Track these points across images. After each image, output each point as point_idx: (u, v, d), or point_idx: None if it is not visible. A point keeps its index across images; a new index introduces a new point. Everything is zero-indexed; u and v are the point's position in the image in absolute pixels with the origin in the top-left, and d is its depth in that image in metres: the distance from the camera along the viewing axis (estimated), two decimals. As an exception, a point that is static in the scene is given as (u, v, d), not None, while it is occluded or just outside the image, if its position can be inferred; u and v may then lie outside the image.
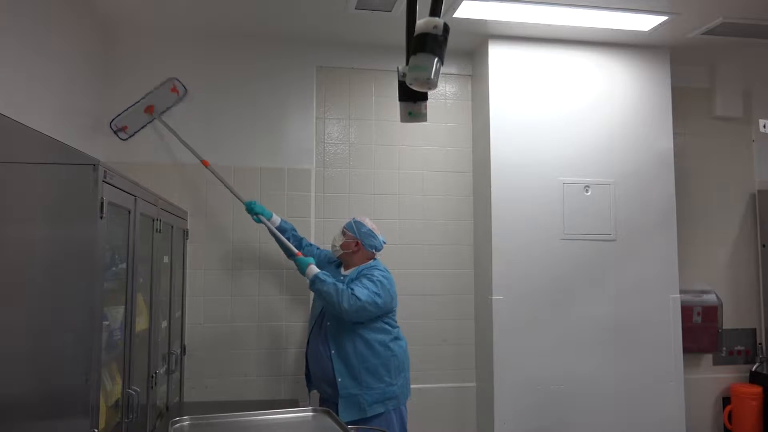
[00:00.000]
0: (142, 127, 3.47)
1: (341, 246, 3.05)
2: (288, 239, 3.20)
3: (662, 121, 3.73)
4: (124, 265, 2.08)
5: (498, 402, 3.39)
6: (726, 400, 4.05)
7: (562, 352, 3.49)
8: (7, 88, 2.20)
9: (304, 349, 3.11)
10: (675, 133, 3.79)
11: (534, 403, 3.43)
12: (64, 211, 1.67)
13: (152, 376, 2.43)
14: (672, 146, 3.74)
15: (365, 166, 3.71)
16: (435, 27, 1.75)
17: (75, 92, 2.96)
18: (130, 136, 3.46)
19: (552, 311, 3.49)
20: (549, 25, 3.41)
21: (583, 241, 3.57)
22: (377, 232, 3.08)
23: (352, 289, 2.79)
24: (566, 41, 3.64)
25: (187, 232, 3.43)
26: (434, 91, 2.56)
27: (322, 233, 3.62)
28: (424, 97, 2.04)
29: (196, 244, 3.46)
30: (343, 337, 2.87)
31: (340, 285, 2.81)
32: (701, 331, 3.96)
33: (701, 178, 4.14)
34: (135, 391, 2.08)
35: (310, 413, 2.58)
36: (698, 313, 3.97)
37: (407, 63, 1.83)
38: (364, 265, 3.03)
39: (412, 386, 3.10)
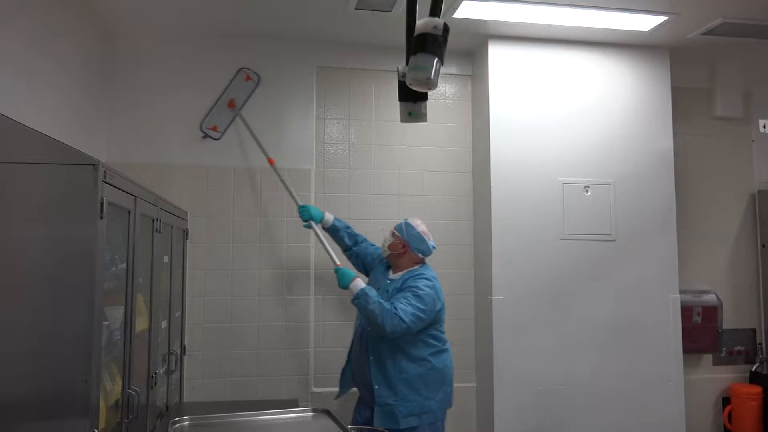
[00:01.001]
0: (230, 124, 3.52)
1: (389, 246, 2.97)
2: (342, 238, 3.21)
3: (662, 121, 3.73)
4: (123, 265, 2.07)
5: (498, 402, 3.39)
6: (726, 400, 4.05)
7: (562, 352, 3.49)
8: (7, 89, 2.20)
9: (306, 350, 3.11)
10: (675, 133, 3.79)
11: (534, 403, 3.43)
12: (64, 211, 1.67)
13: (152, 376, 2.43)
14: (672, 146, 3.74)
15: (365, 166, 3.71)
16: (435, 27, 1.75)
17: (75, 92, 2.96)
18: (222, 134, 3.52)
19: (552, 311, 3.49)
20: (549, 25, 3.41)
21: (583, 241, 3.57)
22: (427, 237, 2.96)
23: (395, 308, 2.67)
24: (566, 41, 3.64)
25: (187, 232, 3.44)
26: (434, 91, 2.56)
27: (322, 233, 3.61)
28: (424, 97, 2.04)
29: (196, 244, 3.46)
30: (383, 345, 2.80)
31: (386, 305, 2.69)
32: (701, 331, 3.96)
33: (701, 178, 4.14)
34: (135, 391, 2.08)
35: (310, 413, 2.58)
36: (698, 313, 3.97)
37: (407, 63, 1.83)
38: (410, 271, 2.93)
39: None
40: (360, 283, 2.79)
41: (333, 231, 3.24)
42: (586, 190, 3.60)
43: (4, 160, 1.67)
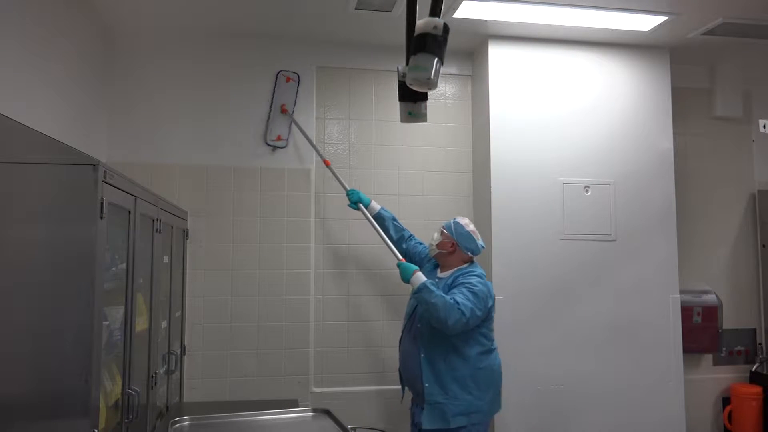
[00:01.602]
0: (290, 128, 3.57)
1: (437, 245, 2.94)
2: (387, 229, 3.20)
3: (662, 121, 3.73)
4: (124, 265, 2.07)
5: (498, 402, 3.39)
6: (726, 401, 4.05)
7: (562, 352, 3.49)
8: (7, 89, 2.20)
9: (306, 350, 3.09)
10: (675, 133, 3.79)
11: (534, 403, 3.43)
12: (64, 211, 1.67)
13: (152, 376, 2.43)
14: (672, 146, 3.74)
15: (365, 166, 3.71)
16: (435, 27, 1.75)
17: (75, 92, 2.96)
18: (288, 141, 3.58)
19: (552, 311, 3.49)
20: (549, 25, 3.41)
21: (583, 241, 3.57)
22: (476, 236, 2.93)
23: (457, 302, 2.63)
24: (566, 41, 3.64)
25: (187, 232, 3.44)
26: (434, 91, 2.56)
27: (322, 233, 3.62)
28: (424, 97, 2.04)
29: (196, 244, 3.46)
30: (434, 342, 2.76)
31: (448, 298, 2.65)
32: (701, 332, 3.96)
33: (701, 178, 4.14)
34: (135, 391, 2.08)
35: (310, 413, 2.58)
36: (698, 314, 3.97)
37: (407, 63, 1.83)
38: (460, 269, 2.90)
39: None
40: (421, 276, 2.74)
41: (379, 220, 3.22)
42: (586, 190, 3.60)
43: (4, 160, 1.66)
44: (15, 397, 1.62)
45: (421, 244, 3.23)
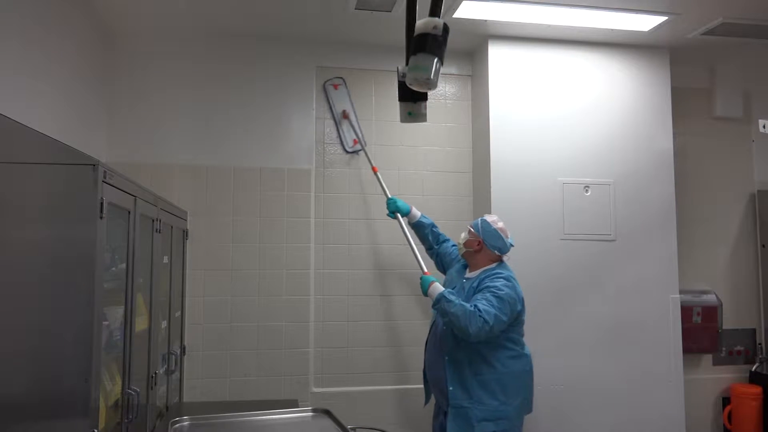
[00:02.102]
0: (357, 131, 3.64)
1: (464, 244, 2.88)
2: (426, 236, 3.20)
3: (662, 121, 3.73)
4: (123, 266, 2.08)
5: (498, 402, 3.39)
6: (726, 401, 4.05)
7: (562, 352, 3.49)
8: (7, 89, 2.20)
9: (306, 350, 3.09)
10: (675, 133, 3.79)
11: (534, 403, 3.42)
12: (64, 211, 1.67)
13: (152, 376, 2.43)
14: (672, 146, 3.74)
15: (365, 166, 3.71)
16: (435, 27, 1.75)
17: (75, 92, 2.96)
18: (364, 140, 3.64)
19: (552, 311, 3.49)
20: (549, 26, 3.41)
21: (583, 241, 3.57)
22: (504, 234, 2.83)
23: (478, 310, 2.54)
24: (566, 41, 3.64)
25: (187, 232, 3.44)
26: (434, 91, 2.56)
27: (322, 233, 3.62)
28: (423, 97, 2.04)
29: (196, 244, 3.46)
30: (459, 345, 2.68)
31: (468, 306, 2.56)
32: (701, 332, 3.96)
33: (701, 178, 4.14)
34: (135, 391, 2.08)
35: (310, 413, 2.58)
36: (698, 314, 3.97)
37: (407, 63, 1.83)
38: (487, 269, 2.81)
39: (412, 386, 3.09)
40: (438, 287, 2.67)
41: (419, 227, 3.22)
42: (586, 191, 3.60)
43: (4, 160, 1.66)
44: (15, 397, 1.62)
45: (454, 245, 3.17)
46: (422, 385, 3.04)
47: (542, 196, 3.55)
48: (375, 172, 3.47)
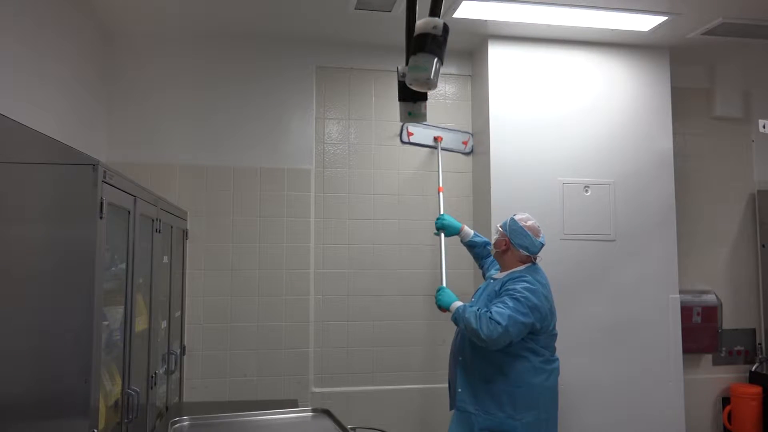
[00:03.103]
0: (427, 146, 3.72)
1: (494, 245, 2.77)
2: (479, 255, 3.08)
3: (662, 121, 3.73)
4: (123, 265, 2.08)
5: (498, 402, 3.38)
6: (726, 401, 4.05)
7: (562, 352, 3.45)
8: (7, 89, 2.20)
9: (306, 350, 3.08)
10: (675, 133, 3.79)
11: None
12: (64, 211, 1.67)
13: (152, 376, 2.43)
14: (672, 146, 3.73)
15: (365, 166, 3.71)
16: (435, 27, 1.75)
17: (75, 92, 2.96)
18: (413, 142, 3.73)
19: (552, 311, 3.49)
20: (549, 25, 3.41)
21: (583, 241, 3.56)
22: (533, 232, 2.67)
23: (490, 312, 2.44)
24: (566, 41, 3.64)
25: (186, 232, 3.44)
26: (434, 91, 2.56)
27: (322, 233, 3.62)
28: (423, 97, 2.04)
29: (196, 244, 3.46)
30: (476, 350, 2.59)
31: (482, 310, 2.48)
32: (701, 332, 3.96)
33: (701, 178, 4.14)
34: (135, 391, 2.08)
35: (310, 413, 2.58)
36: (698, 314, 3.97)
37: (407, 63, 1.83)
38: (512, 272, 2.67)
39: (411, 386, 3.08)
40: (459, 303, 2.63)
41: (470, 246, 3.13)
42: (586, 190, 3.60)
43: (4, 160, 1.67)
44: (15, 397, 1.62)
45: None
46: (423, 385, 3.02)
47: (542, 196, 3.55)
48: (440, 192, 3.46)
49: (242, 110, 3.59)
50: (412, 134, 3.68)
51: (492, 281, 2.76)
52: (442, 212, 3.27)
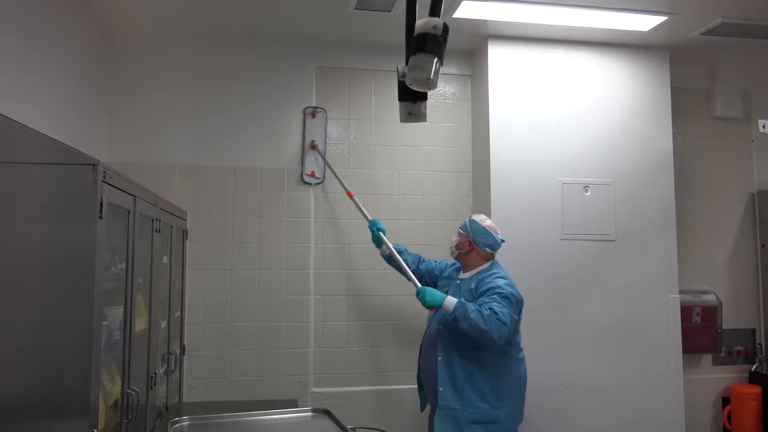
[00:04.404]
0: (325, 166, 3.60)
1: (456, 246, 2.89)
2: (406, 261, 3.08)
3: (662, 121, 3.73)
4: (123, 265, 2.07)
5: (498, 402, 3.38)
6: (725, 400, 4.05)
7: (562, 352, 3.49)
8: (7, 89, 2.20)
9: (306, 350, 3.07)
10: (674, 134, 3.79)
11: (533, 403, 3.42)
12: (63, 211, 1.67)
13: (152, 376, 2.43)
14: (671, 146, 3.74)
15: (365, 166, 3.71)
16: (434, 27, 1.75)
17: (75, 92, 2.96)
18: (323, 176, 3.62)
19: (551, 311, 3.49)
20: (548, 25, 3.41)
21: (583, 241, 3.57)
22: (494, 230, 2.85)
23: (495, 312, 2.52)
24: (566, 41, 3.64)
25: (186, 232, 3.44)
26: (434, 91, 2.56)
27: (322, 233, 3.62)
28: (423, 97, 2.04)
29: (196, 244, 3.46)
30: (454, 345, 2.68)
31: (483, 310, 2.53)
32: (701, 332, 3.96)
33: (701, 178, 4.14)
34: (134, 391, 2.08)
35: (310, 413, 2.58)
36: (698, 313, 3.97)
37: (407, 63, 1.83)
38: (482, 269, 2.82)
39: (411, 386, 3.09)
40: (452, 298, 2.65)
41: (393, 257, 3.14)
42: (586, 190, 3.60)
43: (4, 160, 1.66)
44: (14, 397, 1.62)
45: (436, 261, 3.16)
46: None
47: (542, 196, 3.55)
48: (351, 197, 3.40)
49: (242, 110, 3.59)
50: (313, 173, 3.61)
51: (460, 281, 2.86)
52: (369, 218, 3.25)
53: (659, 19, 3.29)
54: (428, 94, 2.02)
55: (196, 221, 3.48)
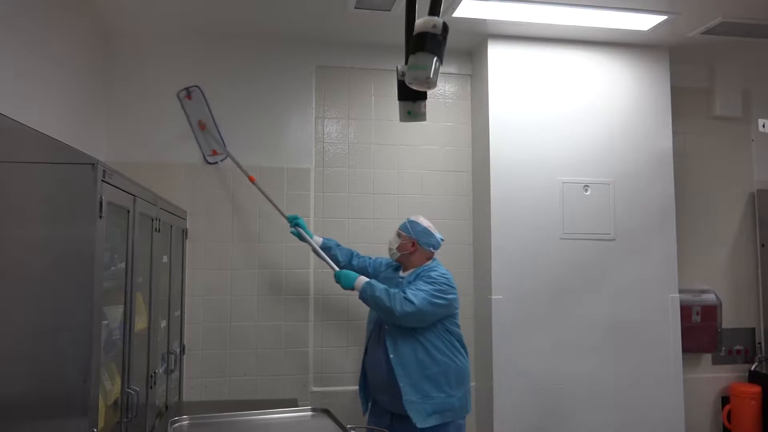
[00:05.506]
0: (216, 140, 3.49)
1: (398, 248, 2.95)
2: (335, 256, 3.16)
3: (661, 120, 3.73)
4: (123, 265, 2.07)
5: (497, 401, 3.39)
6: (725, 400, 4.06)
7: (562, 352, 3.49)
8: (7, 88, 2.20)
9: (306, 349, 3.09)
10: (674, 133, 3.79)
11: (533, 403, 3.43)
12: (63, 211, 1.67)
13: (151, 376, 2.43)
14: (671, 146, 3.74)
15: (365, 166, 3.71)
16: (434, 26, 1.75)
17: (74, 92, 2.96)
18: (226, 152, 3.47)
19: (551, 311, 3.49)
20: (548, 25, 3.41)
21: (583, 240, 3.57)
22: (433, 230, 2.97)
23: (404, 293, 2.67)
24: (566, 41, 3.64)
25: (186, 231, 3.44)
26: (433, 90, 2.56)
27: (322, 233, 3.61)
28: (423, 96, 2.04)
29: (195, 243, 3.46)
30: (403, 341, 2.75)
31: (392, 289, 2.70)
32: (700, 331, 3.96)
33: (701, 178, 4.14)
34: (134, 390, 2.08)
35: (310, 413, 2.58)
36: (697, 313, 3.97)
37: (406, 62, 1.83)
38: (422, 267, 2.92)
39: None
40: (363, 278, 2.83)
41: (326, 249, 3.20)
42: (586, 190, 3.61)
43: (4, 160, 1.66)
44: (14, 397, 1.62)
45: (366, 257, 3.25)
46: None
47: (542, 195, 3.55)
48: (253, 182, 3.36)
49: (242, 110, 3.59)
50: (214, 151, 3.51)
51: (401, 279, 2.94)
52: (286, 214, 3.30)
53: (659, 19, 3.29)
54: (428, 93, 2.02)
55: (196, 221, 3.48)
